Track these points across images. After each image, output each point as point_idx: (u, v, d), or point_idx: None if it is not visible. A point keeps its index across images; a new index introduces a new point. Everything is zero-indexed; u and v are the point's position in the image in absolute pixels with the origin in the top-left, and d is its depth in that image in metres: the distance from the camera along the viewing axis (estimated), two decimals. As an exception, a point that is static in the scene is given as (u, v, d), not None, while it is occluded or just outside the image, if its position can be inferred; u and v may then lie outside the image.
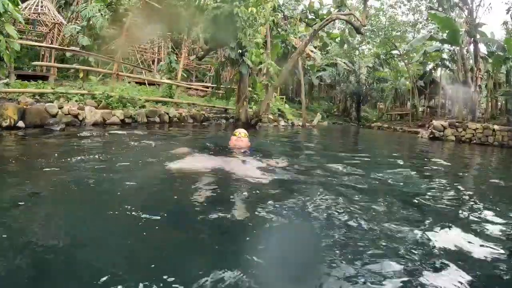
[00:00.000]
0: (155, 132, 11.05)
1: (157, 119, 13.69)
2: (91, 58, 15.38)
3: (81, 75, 14.77)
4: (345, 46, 18.87)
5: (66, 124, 10.67)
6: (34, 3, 20.69)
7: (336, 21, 27.56)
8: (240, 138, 5.73)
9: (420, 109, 34.39)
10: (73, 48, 16.11)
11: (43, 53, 19.01)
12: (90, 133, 9.00)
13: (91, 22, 15.74)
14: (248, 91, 15.32)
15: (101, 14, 15.33)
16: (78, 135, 8.72)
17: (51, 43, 18.93)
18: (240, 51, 13.42)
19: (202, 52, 15.89)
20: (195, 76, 29.50)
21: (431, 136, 17.66)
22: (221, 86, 16.44)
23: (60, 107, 11.30)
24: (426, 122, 28.42)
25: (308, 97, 39.91)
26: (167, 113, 14.21)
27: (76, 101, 12.79)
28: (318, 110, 37.42)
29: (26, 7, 20.63)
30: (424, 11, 28.68)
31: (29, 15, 20.40)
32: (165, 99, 15.88)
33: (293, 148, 9.51)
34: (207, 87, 20.06)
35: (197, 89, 21.60)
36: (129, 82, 21.58)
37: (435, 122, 18.12)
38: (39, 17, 20.43)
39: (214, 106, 17.85)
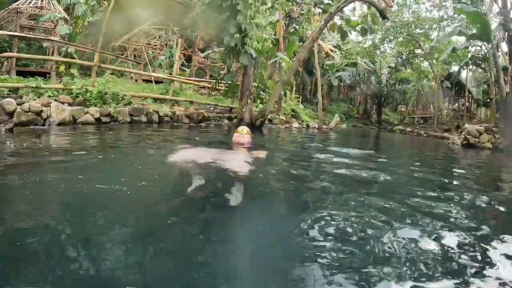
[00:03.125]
0: (118, 136, 8.34)
1: (144, 118, 11.01)
2: (71, 48, 12.72)
3: (61, 68, 12.27)
4: (368, 35, 15.77)
5: (25, 124, 8.40)
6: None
7: (357, 7, 24.45)
8: (242, 135, 5.36)
9: (444, 112, 30.97)
10: (53, 38, 13.61)
11: (51, 49, 16.86)
12: (29, 139, 6.47)
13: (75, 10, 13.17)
14: (253, 87, 12.39)
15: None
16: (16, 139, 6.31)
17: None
18: (238, 35, 10.41)
19: (204, 44, 12.95)
20: (209, 76, 26.83)
21: (464, 142, 14.38)
22: (220, 81, 13.52)
23: (20, 104, 8.85)
24: (452, 126, 25.36)
25: (327, 98, 36.99)
26: (157, 111, 11.49)
27: (49, 96, 10.32)
28: (337, 112, 34.35)
29: (25, 2, 18.61)
30: (450, 7, 25.26)
31: (32, 10, 18.36)
32: (154, 95, 13.24)
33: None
34: (211, 83, 17.10)
35: (208, 87, 18.90)
36: (136, 80, 19.19)
37: (469, 127, 14.86)
38: (41, 12, 18.21)
39: (217, 105, 15.08)
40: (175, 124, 11.71)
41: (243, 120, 12.06)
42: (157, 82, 17.47)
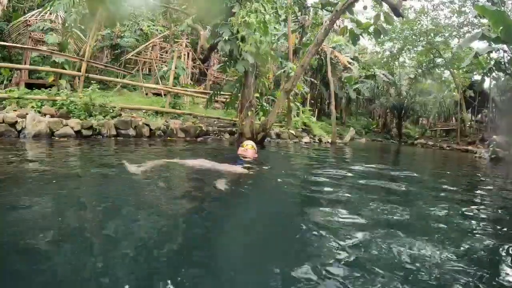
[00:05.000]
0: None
1: (132, 132, 9.88)
2: (60, 58, 11.74)
3: (50, 79, 11.34)
4: (382, 36, 14.02)
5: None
6: (43, 11, 18.07)
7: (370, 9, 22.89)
8: (246, 149, 5.32)
9: (467, 124, 28.89)
10: (41, 48, 12.78)
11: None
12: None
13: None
14: (255, 98, 11.06)
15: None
16: None
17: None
18: (227, 38, 9.09)
19: (204, 53, 11.71)
20: (225, 90, 25.73)
21: (493, 156, 12.63)
22: (219, 92, 12.22)
23: (-7, 115, 7.97)
24: (476, 138, 23.53)
25: (345, 112, 35.47)
26: (147, 125, 10.34)
27: (33, 107, 9.41)
28: (356, 126, 32.70)
29: (34, 14, 18.06)
30: (469, 13, 23.40)
31: (36, 22, 17.71)
32: (146, 107, 12.14)
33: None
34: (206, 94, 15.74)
35: (223, 102, 17.68)
36: (146, 94, 18.30)
37: (498, 139, 13.14)
38: (51, 24, 17.55)
39: (219, 118, 13.84)
40: (168, 138, 10.53)
41: (243, 135, 10.75)
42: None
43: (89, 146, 7.36)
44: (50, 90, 10.78)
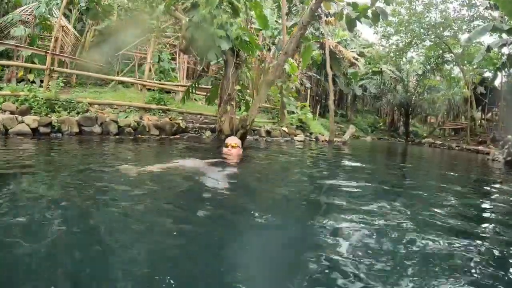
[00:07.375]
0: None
1: (97, 129, 9.04)
2: (25, 52, 11.01)
3: (20, 73, 10.62)
4: (381, 20, 12.52)
5: None
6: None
7: None
8: (229, 149, 5.58)
9: (477, 122, 27.48)
10: (7, 42, 12.10)
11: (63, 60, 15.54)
12: None
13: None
14: (235, 91, 10.05)
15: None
16: None
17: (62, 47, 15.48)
18: (187, 19, 8.07)
19: (184, 43, 10.71)
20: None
21: (508, 158, 11.11)
22: (197, 85, 11.23)
23: None
24: (487, 138, 22.31)
25: (351, 109, 34.37)
26: (115, 121, 9.48)
27: (-5, 103, 8.68)
28: (362, 124, 31.56)
29: (23, 9, 17.43)
30: (480, 6, 22.03)
31: (32, 18, 17.07)
32: (118, 102, 11.33)
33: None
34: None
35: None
36: (140, 89, 17.54)
37: (516, 138, 11.63)
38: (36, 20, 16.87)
39: (201, 114, 12.94)
40: (139, 136, 9.63)
41: (222, 132, 9.81)
42: (168, 92, 15.64)
43: (34, 145, 6.54)
44: (17, 85, 10.07)
